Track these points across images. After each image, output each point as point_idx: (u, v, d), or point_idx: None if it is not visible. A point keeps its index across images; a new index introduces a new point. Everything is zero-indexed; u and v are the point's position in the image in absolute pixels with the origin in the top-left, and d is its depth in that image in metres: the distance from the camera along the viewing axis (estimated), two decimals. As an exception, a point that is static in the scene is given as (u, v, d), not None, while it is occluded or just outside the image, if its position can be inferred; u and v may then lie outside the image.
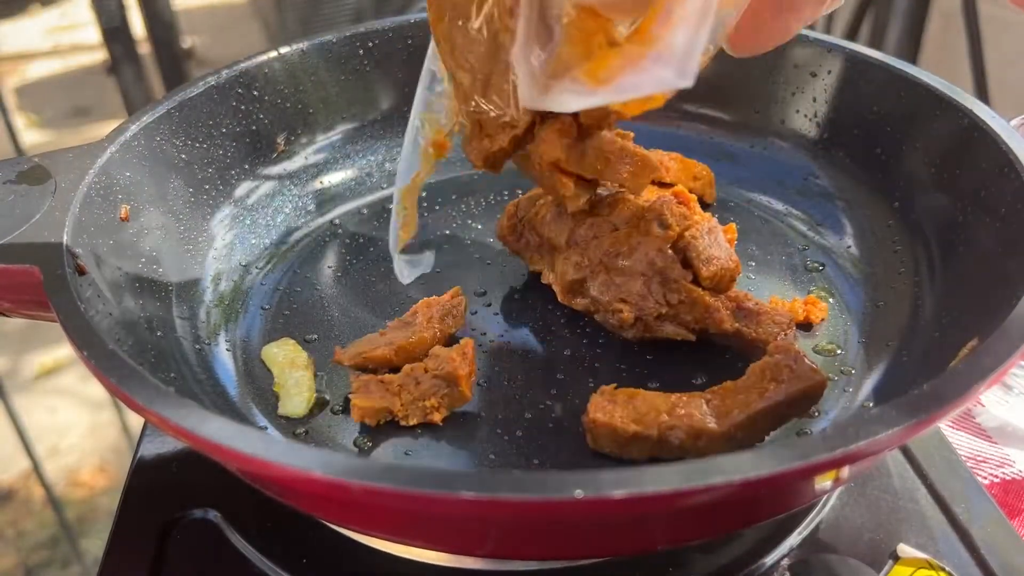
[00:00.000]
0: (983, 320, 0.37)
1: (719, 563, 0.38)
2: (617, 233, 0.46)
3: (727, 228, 0.48)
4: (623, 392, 0.40)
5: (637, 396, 0.40)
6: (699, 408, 0.39)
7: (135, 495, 0.43)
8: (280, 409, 0.44)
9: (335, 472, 0.27)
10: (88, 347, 0.34)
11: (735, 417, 0.38)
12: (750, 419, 0.38)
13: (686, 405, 0.39)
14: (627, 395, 0.40)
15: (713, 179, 0.57)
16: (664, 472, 0.26)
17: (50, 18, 3.04)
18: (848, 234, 0.53)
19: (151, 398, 0.31)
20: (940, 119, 0.48)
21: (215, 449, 0.29)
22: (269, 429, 0.43)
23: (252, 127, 0.57)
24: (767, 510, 0.34)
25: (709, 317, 0.44)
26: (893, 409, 0.29)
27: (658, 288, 0.44)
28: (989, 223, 0.43)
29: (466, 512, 0.27)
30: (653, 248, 0.44)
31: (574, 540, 0.32)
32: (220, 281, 0.52)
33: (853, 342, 0.46)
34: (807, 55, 0.56)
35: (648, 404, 0.39)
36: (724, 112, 0.61)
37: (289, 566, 0.39)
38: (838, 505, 0.41)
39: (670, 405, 0.39)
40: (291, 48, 0.58)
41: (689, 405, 0.39)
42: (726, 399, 0.39)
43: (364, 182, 0.62)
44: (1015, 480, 0.47)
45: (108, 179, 0.46)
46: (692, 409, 0.38)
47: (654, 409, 0.39)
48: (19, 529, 1.22)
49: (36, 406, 1.44)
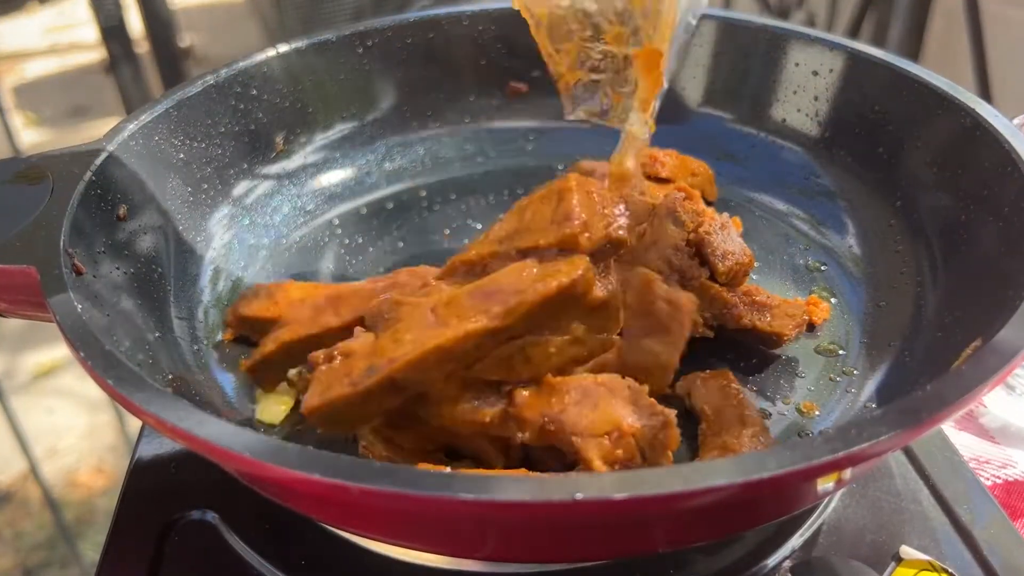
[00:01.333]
0: (986, 320, 0.37)
1: (721, 565, 0.38)
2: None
3: (733, 222, 0.48)
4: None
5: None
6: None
7: (133, 496, 0.43)
8: (258, 414, 0.44)
9: (335, 474, 0.27)
10: (85, 348, 0.33)
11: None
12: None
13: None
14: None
15: (712, 176, 0.57)
16: (665, 474, 0.26)
17: (48, 17, 3.03)
18: (850, 234, 0.53)
19: (148, 399, 0.31)
20: (942, 118, 0.48)
21: (213, 451, 0.29)
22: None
23: (251, 126, 0.56)
24: (769, 512, 0.34)
25: (727, 313, 0.44)
26: (896, 410, 0.28)
27: (676, 286, 0.43)
28: (992, 223, 0.43)
29: (465, 514, 0.27)
30: (669, 246, 0.44)
31: (574, 543, 0.32)
32: (218, 281, 0.52)
33: (855, 343, 0.46)
34: (808, 54, 0.56)
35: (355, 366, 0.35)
36: (725, 111, 0.61)
37: (287, 568, 0.39)
38: (840, 506, 0.41)
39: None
40: (290, 47, 0.58)
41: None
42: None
43: (363, 181, 0.61)
44: (1018, 481, 0.47)
45: (106, 179, 0.46)
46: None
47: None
48: (17, 530, 1.21)
49: (34, 407, 1.44)
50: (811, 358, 0.46)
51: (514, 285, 0.34)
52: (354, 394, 0.34)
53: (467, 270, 0.38)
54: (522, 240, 0.36)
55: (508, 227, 0.37)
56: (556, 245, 0.35)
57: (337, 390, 0.34)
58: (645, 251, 0.44)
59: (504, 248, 0.36)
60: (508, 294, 0.34)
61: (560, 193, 0.37)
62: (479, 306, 0.34)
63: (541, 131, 0.64)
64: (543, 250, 0.35)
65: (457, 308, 0.34)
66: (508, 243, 0.37)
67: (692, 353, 0.45)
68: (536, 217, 0.37)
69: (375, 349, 0.34)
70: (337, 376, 0.34)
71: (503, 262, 0.36)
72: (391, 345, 0.34)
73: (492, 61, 0.64)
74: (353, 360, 0.34)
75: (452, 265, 0.38)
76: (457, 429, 0.37)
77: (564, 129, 0.64)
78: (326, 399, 0.34)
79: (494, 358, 0.35)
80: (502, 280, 0.34)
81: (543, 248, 0.35)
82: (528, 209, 0.37)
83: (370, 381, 0.33)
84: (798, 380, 0.45)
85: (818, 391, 0.44)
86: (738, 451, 0.37)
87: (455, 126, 0.64)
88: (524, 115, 0.65)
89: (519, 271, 0.35)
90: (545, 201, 0.37)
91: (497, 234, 0.37)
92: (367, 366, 0.34)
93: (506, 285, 0.34)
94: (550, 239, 0.35)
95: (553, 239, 0.35)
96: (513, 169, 0.63)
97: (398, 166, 0.62)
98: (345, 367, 0.34)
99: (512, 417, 0.36)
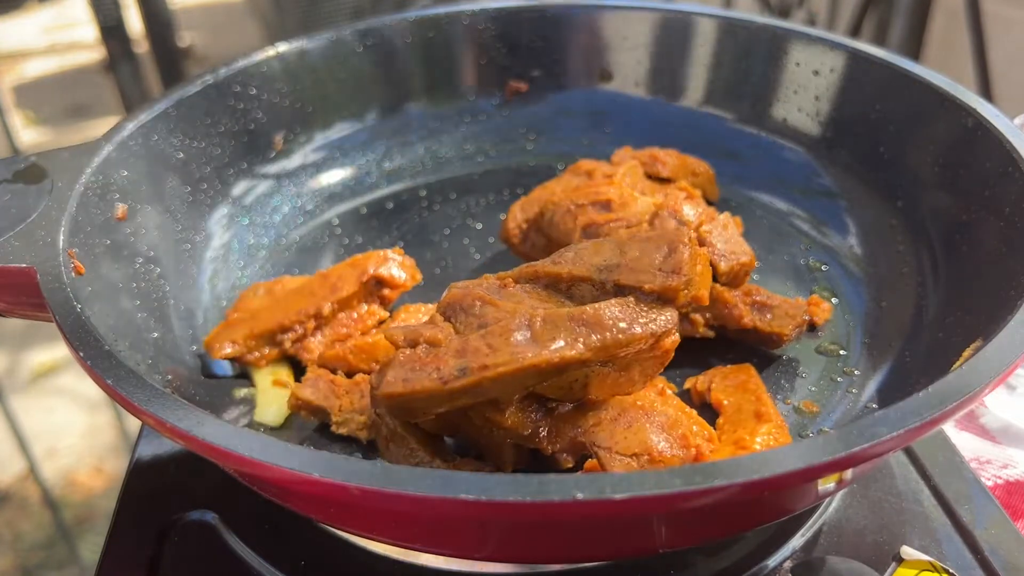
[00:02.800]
0: (987, 320, 0.37)
1: (722, 566, 0.38)
2: (631, 231, 0.45)
3: (734, 221, 0.48)
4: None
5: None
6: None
7: (132, 497, 0.43)
8: (257, 415, 0.44)
9: (335, 474, 0.27)
10: (84, 348, 0.33)
11: None
12: None
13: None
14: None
15: (713, 176, 0.57)
16: (665, 474, 0.26)
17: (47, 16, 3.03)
18: (851, 233, 0.53)
19: (147, 399, 0.31)
20: (944, 118, 0.48)
21: (213, 451, 0.29)
22: (267, 430, 0.42)
23: (250, 126, 0.56)
24: (769, 513, 0.34)
25: (728, 313, 0.44)
26: (897, 411, 0.28)
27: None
28: (993, 222, 0.42)
29: (465, 514, 0.27)
30: None
31: (574, 543, 0.32)
32: (217, 281, 0.52)
33: (856, 343, 0.46)
34: (809, 53, 0.56)
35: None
36: (726, 111, 0.60)
37: (287, 568, 0.39)
38: (841, 507, 0.41)
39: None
40: (289, 46, 0.58)
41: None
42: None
43: (363, 181, 0.61)
44: (1019, 481, 0.47)
45: (105, 178, 0.46)
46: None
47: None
48: (16, 530, 1.21)
49: (34, 407, 1.44)
50: (812, 358, 0.46)
51: (615, 322, 0.35)
52: (440, 391, 0.34)
53: (550, 283, 0.39)
54: (623, 276, 0.37)
55: (607, 258, 0.38)
56: (658, 292, 0.37)
57: (424, 382, 0.34)
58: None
59: (601, 277, 0.38)
60: (608, 329, 0.35)
61: (672, 244, 0.38)
62: (579, 333, 0.35)
63: (541, 131, 0.64)
64: (644, 293, 0.37)
65: (555, 330, 0.35)
66: (607, 274, 0.38)
67: (693, 353, 0.45)
68: (643, 258, 0.38)
69: (464, 348, 0.35)
70: (422, 365, 0.35)
71: (595, 290, 0.38)
72: (483, 348, 0.34)
73: (492, 61, 0.64)
74: (440, 354, 0.35)
75: (534, 272, 0.39)
76: (489, 428, 0.37)
77: (564, 129, 0.64)
78: (409, 388, 0.34)
79: (560, 380, 0.36)
80: (604, 313, 0.35)
81: (646, 292, 0.37)
82: (632, 247, 0.38)
83: (460, 383, 0.34)
84: (799, 380, 0.45)
85: (819, 391, 0.44)
86: (751, 448, 0.37)
87: (455, 126, 0.64)
88: (524, 115, 0.64)
89: (622, 308, 0.36)
90: (654, 245, 0.38)
91: (594, 261, 0.38)
92: (458, 366, 0.34)
93: (607, 320, 0.35)
94: (655, 286, 0.37)
95: (658, 287, 0.37)
96: (513, 168, 0.63)
97: (398, 166, 0.62)
98: (433, 359, 0.35)
99: (549, 430, 0.37)
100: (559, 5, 0.63)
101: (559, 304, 0.38)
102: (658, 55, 0.62)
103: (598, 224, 0.47)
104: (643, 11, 0.61)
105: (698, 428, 0.38)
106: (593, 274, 0.38)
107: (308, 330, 0.46)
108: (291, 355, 0.46)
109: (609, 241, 0.39)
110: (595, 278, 0.38)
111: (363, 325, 0.47)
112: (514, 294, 0.38)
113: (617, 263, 0.38)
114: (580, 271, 0.38)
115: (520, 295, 0.38)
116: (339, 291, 0.46)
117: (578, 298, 0.38)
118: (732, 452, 0.38)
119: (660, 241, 0.38)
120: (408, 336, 0.36)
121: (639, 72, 0.62)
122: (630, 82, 0.63)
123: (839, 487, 0.38)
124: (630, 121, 0.63)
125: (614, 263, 0.38)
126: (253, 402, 0.45)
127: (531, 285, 0.39)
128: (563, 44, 0.63)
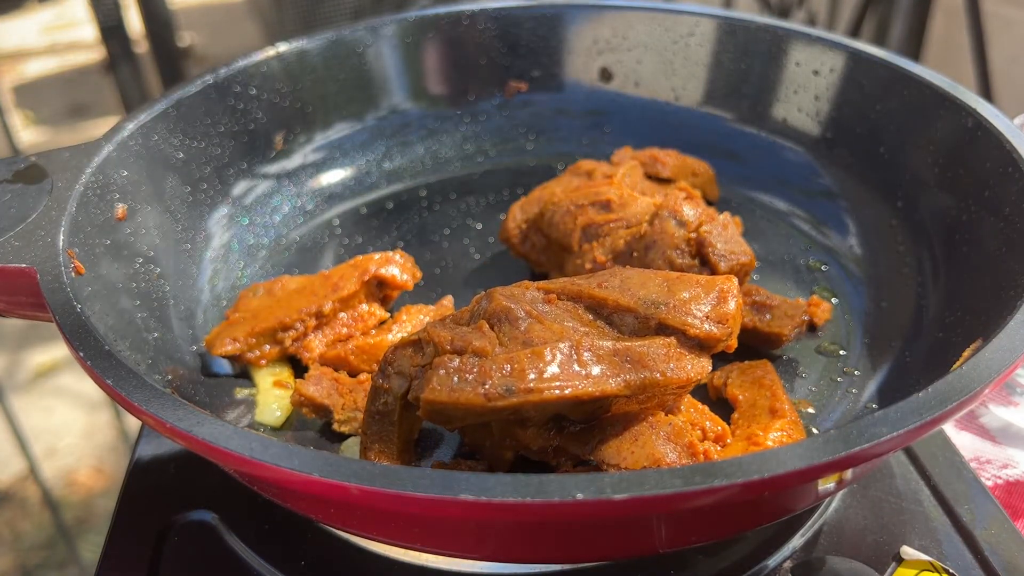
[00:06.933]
0: (987, 320, 0.37)
1: (722, 566, 0.38)
2: (632, 231, 0.45)
3: (734, 221, 0.48)
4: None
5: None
6: None
7: (132, 497, 0.43)
8: (257, 416, 0.44)
9: (335, 474, 0.27)
10: (84, 348, 0.33)
11: None
12: None
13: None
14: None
15: (713, 176, 0.57)
16: (665, 474, 0.26)
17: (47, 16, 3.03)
18: (851, 234, 0.53)
19: (147, 399, 0.31)
20: (943, 118, 0.48)
21: (213, 451, 0.29)
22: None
23: (250, 126, 0.56)
24: (770, 513, 0.34)
25: None
26: (897, 411, 0.28)
27: None
28: (993, 223, 0.42)
29: (466, 514, 0.27)
30: (670, 246, 0.44)
31: (574, 543, 0.32)
32: (217, 281, 0.52)
33: (856, 343, 0.46)
34: (809, 53, 0.56)
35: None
36: (726, 111, 0.60)
37: (286, 568, 0.39)
38: (841, 507, 0.41)
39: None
40: (289, 46, 0.58)
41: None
42: None
43: (363, 181, 0.61)
44: (1019, 481, 0.47)
45: (105, 178, 0.46)
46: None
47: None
48: (16, 530, 1.21)
49: (33, 407, 1.44)
50: (812, 358, 0.46)
51: (658, 362, 0.36)
52: (483, 406, 0.34)
53: (593, 305, 0.39)
54: (670, 316, 0.37)
55: (654, 292, 0.38)
56: (701, 339, 0.37)
57: (468, 395, 0.34)
58: (646, 251, 0.44)
59: (647, 312, 0.38)
60: (651, 369, 0.36)
61: (723, 294, 0.38)
62: (622, 369, 0.35)
63: (541, 131, 0.64)
64: (687, 337, 0.37)
65: (600, 362, 0.35)
66: (653, 310, 0.38)
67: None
68: (691, 301, 0.38)
69: (511, 367, 0.35)
70: (469, 377, 0.35)
71: (637, 322, 0.38)
72: (528, 367, 0.35)
73: (492, 61, 0.64)
74: (486, 367, 0.35)
75: (579, 291, 0.39)
76: (502, 436, 0.38)
77: (564, 129, 0.64)
78: (453, 399, 0.34)
79: (590, 406, 0.36)
80: (647, 354, 0.36)
81: (689, 336, 0.37)
82: (682, 286, 0.38)
83: (503, 403, 0.34)
84: (799, 380, 0.45)
85: (819, 391, 0.44)
86: (763, 444, 0.38)
87: (455, 126, 0.64)
88: (524, 115, 0.64)
89: (667, 350, 0.36)
90: (704, 289, 0.38)
91: (640, 293, 0.38)
92: (504, 384, 0.34)
93: (651, 360, 0.36)
94: (700, 332, 0.37)
95: (703, 335, 0.37)
96: (513, 168, 0.63)
97: (398, 166, 0.62)
98: (479, 372, 0.35)
99: (557, 448, 0.38)
100: (559, 5, 0.63)
101: (599, 329, 0.38)
102: (658, 55, 0.62)
103: (598, 224, 0.47)
104: (643, 11, 0.61)
105: (711, 424, 0.39)
106: (639, 307, 0.38)
107: (309, 328, 0.46)
108: (291, 354, 0.46)
109: (658, 276, 0.39)
110: (640, 311, 0.38)
111: (363, 325, 0.47)
112: (558, 313, 0.38)
113: (665, 301, 0.38)
114: (626, 301, 0.38)
115: (563, 315, 0.38)
116: (340, 290, 0.46)
117: (618, 326, 0.38)
118: (744, 447, 0.38)
119: (710, 287, 0.38)
120: (456, 341, 0.36)
121: (639, 72, 0.62)
122: (630, 82, 0.63)
123: (839, 487, 0.38)
124: (630, 121, 0.63)
125: (661, 300, 0.38)
126: (253, 402, 0.45)
127: (573, 303, 0.39)
128: (563, 44, 0.63)
